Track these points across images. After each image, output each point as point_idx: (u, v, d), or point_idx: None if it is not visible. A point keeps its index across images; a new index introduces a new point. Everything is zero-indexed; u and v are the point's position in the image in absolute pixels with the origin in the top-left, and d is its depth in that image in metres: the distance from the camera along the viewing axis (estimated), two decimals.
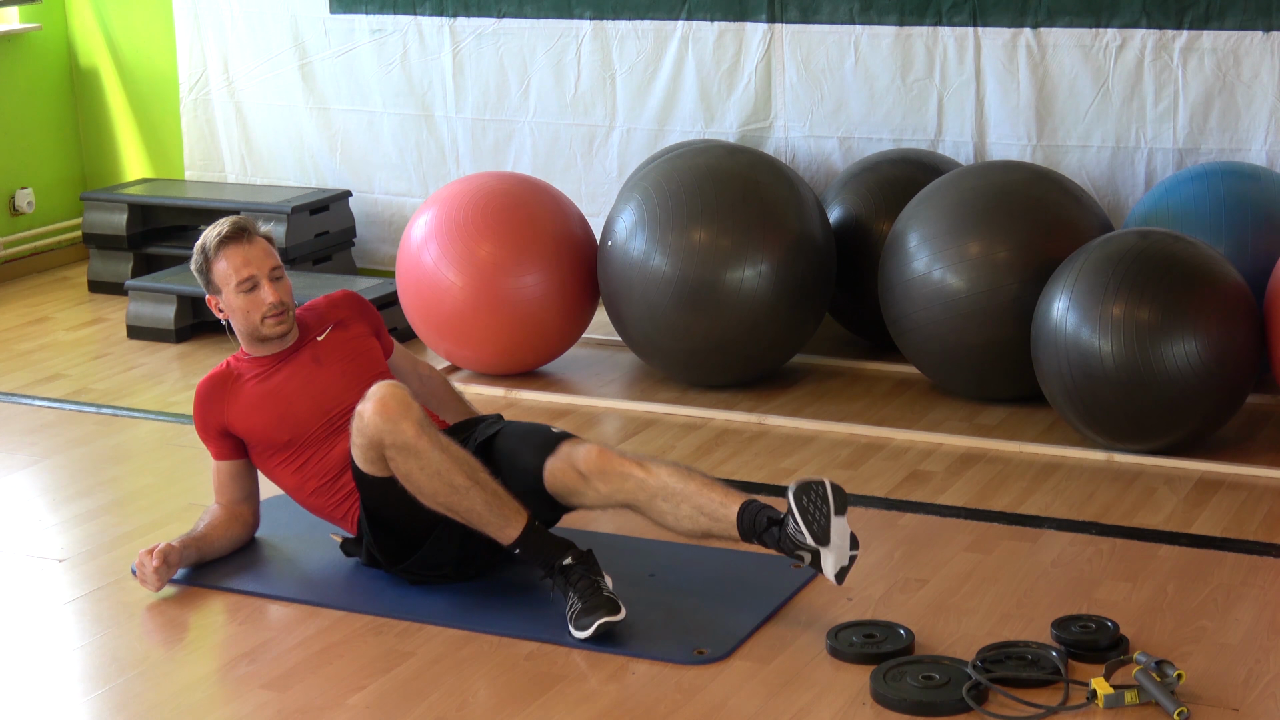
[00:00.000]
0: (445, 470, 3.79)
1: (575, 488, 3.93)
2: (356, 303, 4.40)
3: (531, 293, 5.43)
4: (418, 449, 3.79)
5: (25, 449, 5.17)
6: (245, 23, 6.94)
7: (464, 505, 3.81)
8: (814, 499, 3.69)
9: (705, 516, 3.82)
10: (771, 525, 3.72)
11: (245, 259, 4.15)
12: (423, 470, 3.79)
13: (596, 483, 3.90)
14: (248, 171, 7.08)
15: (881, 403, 5.32)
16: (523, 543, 3.83)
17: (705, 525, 3.83)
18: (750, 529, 3.76)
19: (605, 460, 3.91)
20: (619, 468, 3.89)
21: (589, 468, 3.91)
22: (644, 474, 3.88)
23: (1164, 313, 4.55)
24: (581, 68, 6.38)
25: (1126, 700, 3.38)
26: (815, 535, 3.67)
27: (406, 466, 3.81)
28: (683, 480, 3.85)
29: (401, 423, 3.79)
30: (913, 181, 5.47)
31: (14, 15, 7.32)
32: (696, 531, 3.86)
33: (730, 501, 3.80)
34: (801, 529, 3.67)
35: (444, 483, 3.79)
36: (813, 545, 3.67)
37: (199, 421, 4.22)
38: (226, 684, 3.69)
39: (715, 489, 3.84)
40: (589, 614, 3.72)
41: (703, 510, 3.82)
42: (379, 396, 3.83)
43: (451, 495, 3.80)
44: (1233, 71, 5.44)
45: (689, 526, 3.85)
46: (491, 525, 3.82)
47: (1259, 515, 4.36)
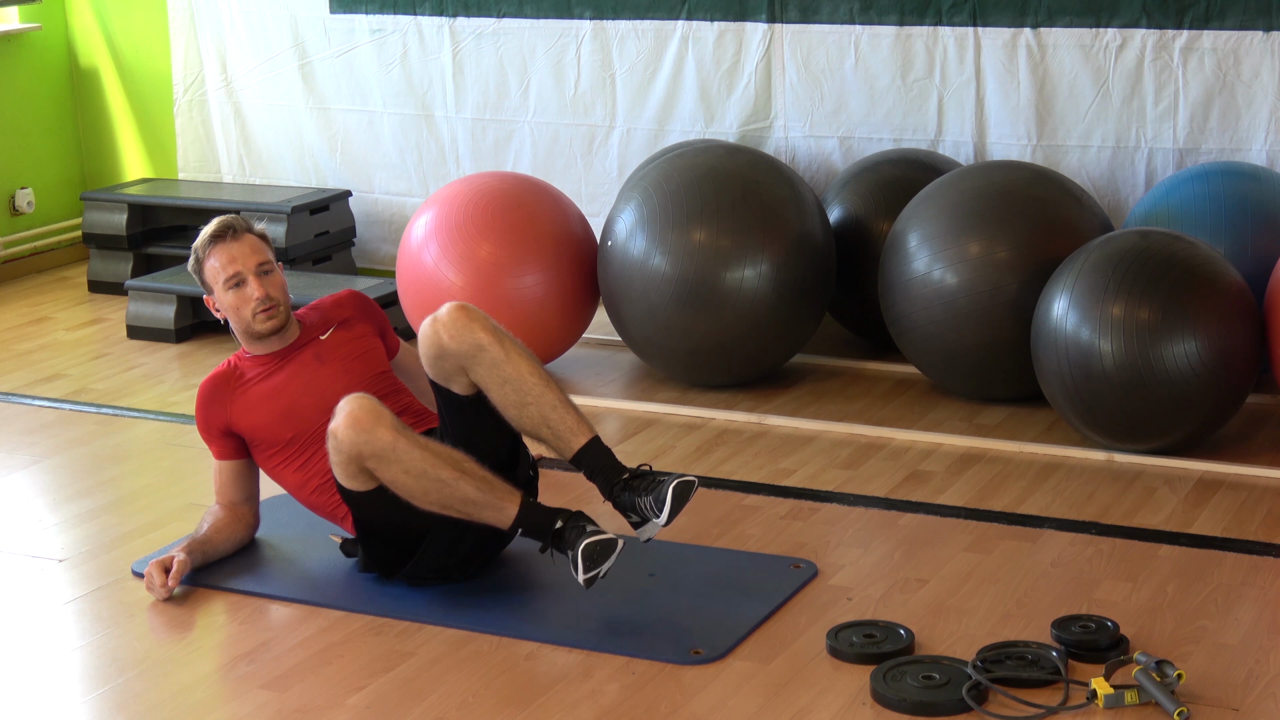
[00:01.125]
0: (429, 467, 3.78)
1: (434, 350, 3.93)
2: (361, 302, 4.41)
3: (531, 293, 5.43)
4: (396, 452, 3.77)
5: (25, 449, 5.17)
6: (245, 23, 6.94)
7: (456, 497, 3.80)
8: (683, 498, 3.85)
9: (548, 429, 3.93)
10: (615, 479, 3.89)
11: (230, 256, 4.17)
12: (407, 473, 3.78)
13: (445, 337, 3.91)
14: (245, 172, 7.08)
15: (881, 403, 5.32)
16: (522, 520, 3.83)
17: (544, 435, 3.94)
18: (589, 467, 3.92)
19: (462, 314, 3.93)
20: (475, 333, 3.91)
21: (445, 319, 3.93)
22: (501, 354, 3.91)
23: (1164, 313, 4.55)
24: (581, 68, 6.38)
25: (1126, 700, 3.38)
26: (669, 518, 3.84)
27: (390, 473, 3.80)
28: (542, 385, 3.92)
29: (375, 430, 3.77)
30: (913, 181, 5.47)
31: (14, 15, 7.32)
32: (529, 432, 3.97)
33: (580, 432, 3.93)
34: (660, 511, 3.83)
35: (430, 480, 3.79)
36: (659, 522, 3.85)
37: (201, 421, 4.22)
38: (226, 684, 3.69)
39: (569, 412, 3.94)
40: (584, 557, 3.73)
41: (549, 423, 3.92)
42: (348, 411, 3.80)
43: (442, 490, 3.79)
44: (1233, 71, 5.44)
45: (525, 425, 3.95)
46: (488, 509, 3.82)
47: (1259, 515, 4.36)
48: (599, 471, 3.94)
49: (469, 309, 3.95)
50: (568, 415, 3.94)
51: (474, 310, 3.96)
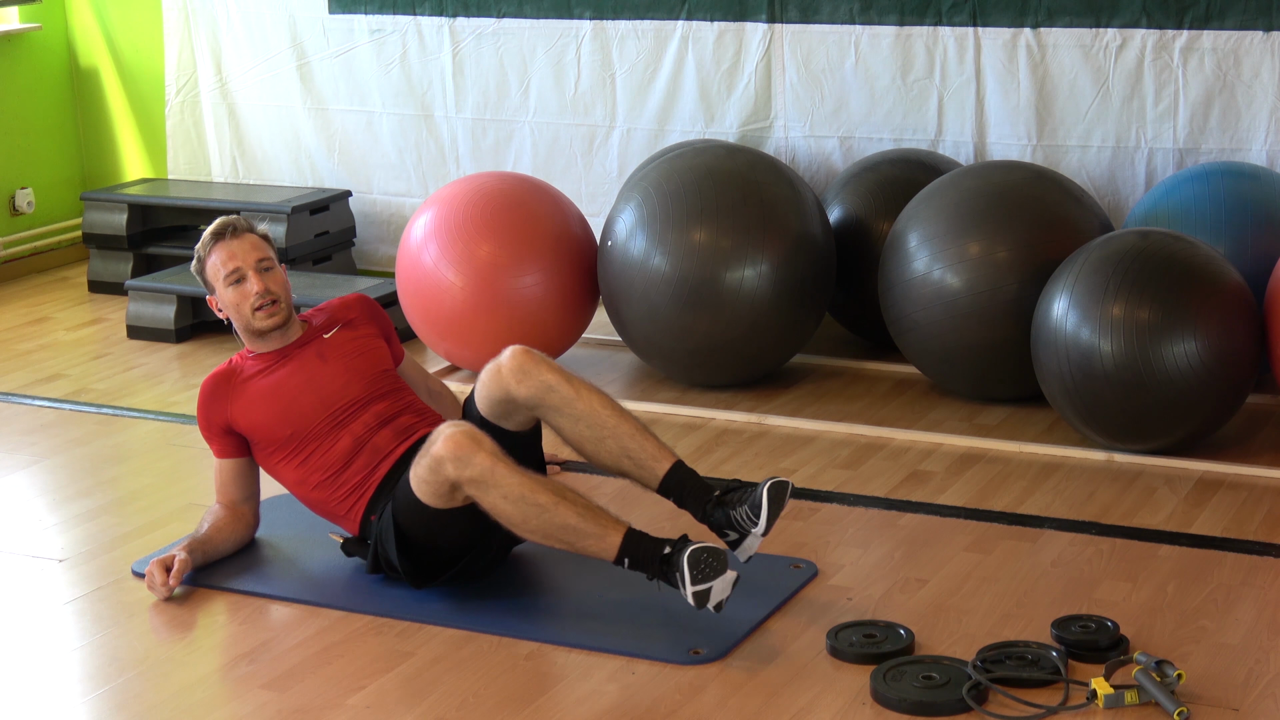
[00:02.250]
0: (528, 492, 3.70)
1: (500, 394, 3.92)
2: (368, 306, 4.41)
3: (531, 293, 5.43)
4: (495, 477, 3.70)
5: (25, 449, 5.17)
6: (242, 23, 6.94)
7: (555, 523, 3.70)
8: (783, 499, 3.79)
9: (629, 460, 3.88)
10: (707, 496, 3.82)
11: (230, 253, 4.18)
12: (505, 498, 3.70)
13: (514, 384, 3.89)
14: (238, 173, 7.07)
15: (881, 403, 5.32)
16: (627, 549, 3.69)
17: (626, 468, 3.89)
18: (677, 492, 3.87)
19: (528, 359, 3.91)
20: (543, 375, 3.90)
21: (510, 365, 3.91)
22: (571, 392, 3.89)
23: (1164, 313, 4.55)
24: (581, 68, 6.38)
25: (1126, 700, 3.38)
26: (768, 525, 3.78)
27: (489, 499, 3.72)
28: (616, 417, 3.89)
29: (476, 456, 3.70)
30: (913, 181, 5.47)
31: (14, 15, 7.32)
32: (611, 467, 3.92)
33: (662, 458, 3.88)
34: (759, 522, 3.76)
35: (529, 505, 3.70)
36: (757, 532, 3.77)
37: (202, 419, 4.22)
38: (226, 684, 3.69)
39: (648, 439, 3.90)
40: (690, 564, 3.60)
41: (629, 454, 3.88)
42: (449, 435, 3.73)
43: (541, 516, 3.70)
44: (1233, 71, 5.44)
45: (607, 461, 3.90)
46: (590, 538, 3.70)
47: (1259, 515, 4.36)
48: (689, 495, 3.88)
49: (531, 352, 3.92)
50: (647, 443, 3.89)
51: (536, 353, 3.93)
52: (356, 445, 4.11)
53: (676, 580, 3.65)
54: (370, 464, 4.09)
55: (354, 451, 4.10)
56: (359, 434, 4.12)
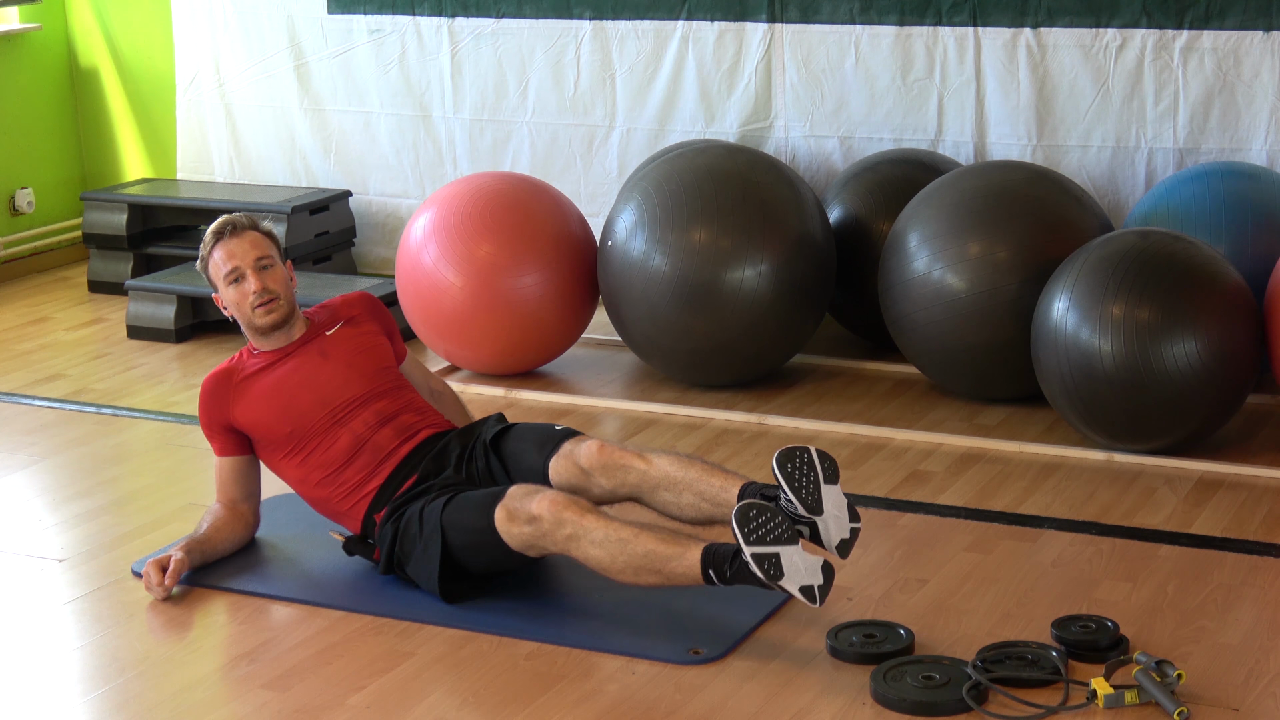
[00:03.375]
0: (610, 531, 3.69)
1: (579, 484, 3.95)
2: (370, 304, 4.41)
3: (531, 293, 5.43)
4: (584, 528, 3.70)
5: (25, 449, 5.17)
6: (241, 23, 6.94)
7: (639, 553, 3.65)
8: (799, 465, 3.65)
9: (707, 502, 3.85)
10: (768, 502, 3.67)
11: (229, 252, 4.19)
12: (595, 545, 3.69)
13: (599, 478, 3.93)
14: (235, 173, 7.07)
15: (881, 403, 5.32)
16: (708, 561, 3.59)
17: (708, 511, 3.85)
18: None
19: (606, 455, 3.92)
20: (620, 460, 3.91)
21: (590, 463, 3.93)
22: (645, 465, 3.90)
23: (1164, 313, 4.55)
24: (581, 68, 6.38)
25: (1126, 700, 3.38)
26: (807, 505, 3.62)
27: (582, 551, 3.71)
28: (683, 469, 3.87)
29: (566, 514, 3.71)
30: (913, 181, 5.47)
31: (14, 15, 7.32)
32: (700, 518, 3.87)
33: (730, 485, 3.82)
34: (792, 500, 3.62)
35: (614, 543, 3.67)
36: (806, 516, 3.62)
37: (204, 417, 4.22)
38: (227, 684, 3.69)
39: (715, 474, 3.86)
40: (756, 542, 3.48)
41: (704, 496, 3.85)
42: (554, 500, 3.72)
43: (625, 549, 3.66)
44: (1233, 71, 5.44)
45: (692, 514, 3.88)
46: (672, 559, 3.64)
47: (1259, 515, 4.36)
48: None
49: (607, 446, 3.93)
50: (714, 479, 3.85)
51: (609, 445, 3.94)
52: (357, 443, 4.11)
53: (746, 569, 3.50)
54: (372, 463, 4.09)
55: (354, 450, 4.10)
56: (359, 432, 4.12)
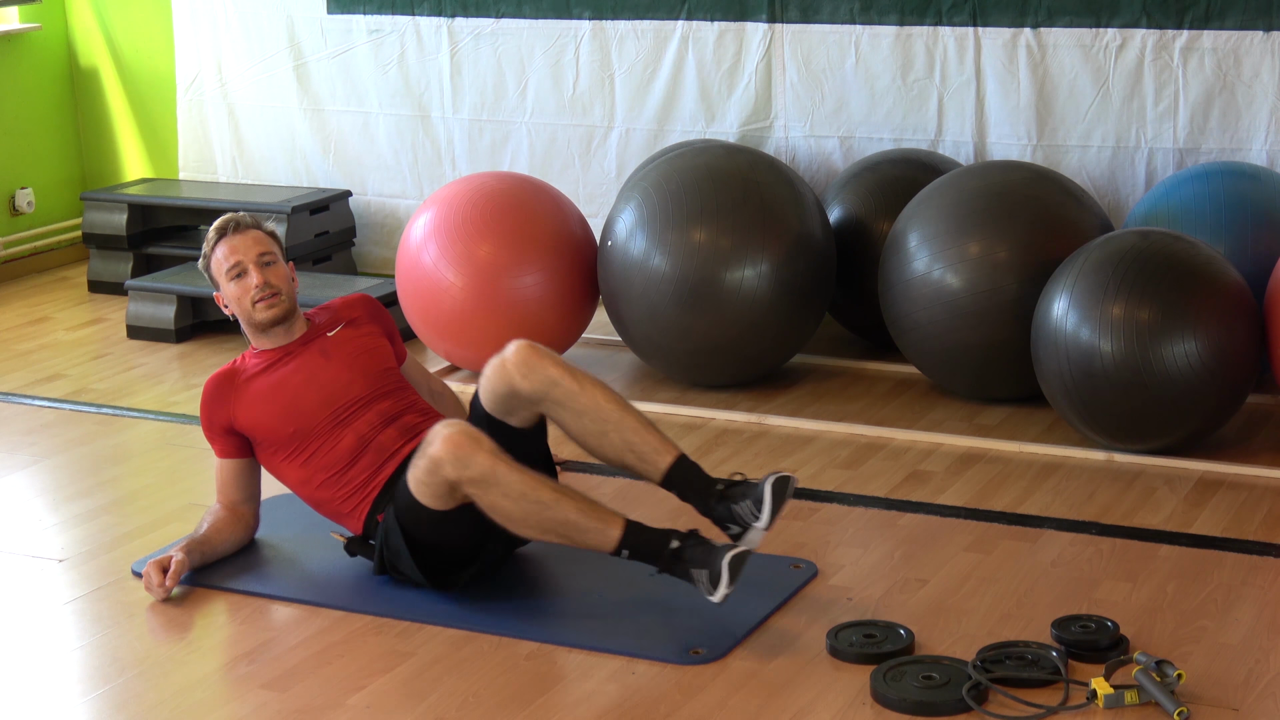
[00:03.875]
0: (529, 489, 3.71)
1: (504, 389, 3.92)
2: (371, 305, 4.41)
3: (531, 293, 5.43)
4: (496, 476, 3.70)
5: (25, 449, 5.17)
6: (241, 23, 6.94)
7: (556, 519, 3.71)
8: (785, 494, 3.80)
9: (633, 455, 3.88)
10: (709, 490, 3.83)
11: (232, 248, 4.20)
12: (506, 496, 3.71)
13: (518, 378, 3.89)
14: (238, 172, 7.08)
15: (881, 403, 5.32)
16: (628, 541, 3.73)
17: (630, 462, 3.89)
18: (681, 485, 3.87)
19: (531, 354, 3.91)
20: (547, 369, 3.90)
21: (514, 359, 3.91)
22: (576, 387, 3.89)
23: (1164, 313, 4.55)
24: (580, 68, 6.37)
25: (1126, 700, 3.38)
26: (770, 519, 3.79)
27: (490, 498, 3.72)
28: (619, 411, 3.88)
29: (475, 456, 3.70)
30: (913, 181, 5.47)
31: (14, 15, 7.32)
32: (615, 462, 3.91)
33: (665, 451, 3.87)
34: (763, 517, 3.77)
35: (531, 502, 3.70)
36: (760, 526, 3.79)
37: (205, 419, 4.22)
38: (226, 684, 3.69)
39: (651, 432, 3.89)
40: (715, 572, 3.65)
41: (633, 449, 3.87)
42: (446, 435, 3.73)
43: (543, 513, 3.71)
44: (1233, 71, 5.44)
45: (610, 455, 3.90)
46: (591, 532, 3.72)
47: (1259, 515, 4.36)
48: (691, 488, 3.88)
49: (535, 346, 3.93)
50: (650, 436, 3.89)
51: (540, 347, 3.93)
52: (360, 444, 4.11)
53: (697, 578, 3.67)
54: (375, 463, 4.08)
55: (358, 450, 4.10)
56: (363, 432, 4.12)
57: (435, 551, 3.93)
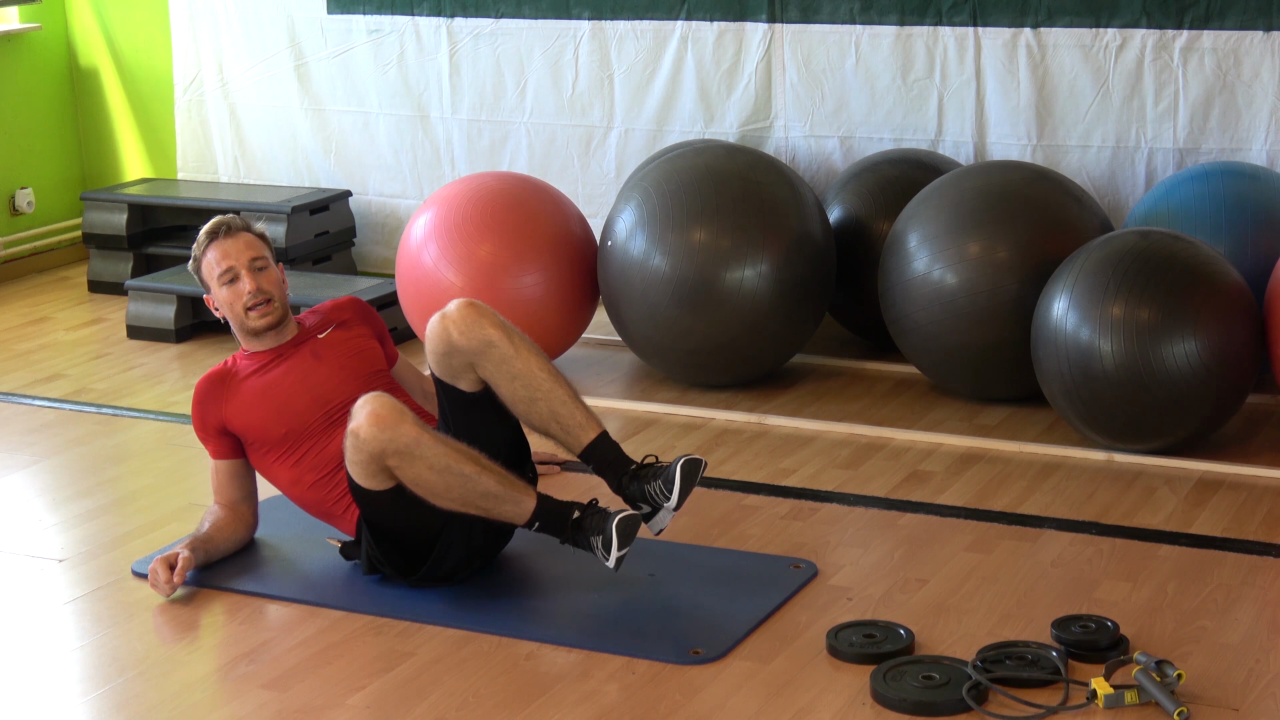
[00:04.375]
0: (453, 462, 3.77)
1: (443, 347, 3.94)
2: (361, 308, 4.43)
3: (531, 293, 5.43)
4: (421, 447, 3.76)
5: (25, 449, 5.17)
6: (241, 23, 6.94)
7: (477, 491, 3.79)
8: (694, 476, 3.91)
9: (557, 425, 3.96)
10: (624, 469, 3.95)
11: (224, 253, 4.20)
12: (430, 469, 3.77)
13: (455, 333, 3.92)
14: (240, 172, 7.07)
15: (881, 403, 5.32)
16: (540, 513, 3.85)
17: (554, 431, 3.98)
18: (598, 462, 3.98)
19: (471, 311, 3.95)
20: (485, 329, 3.93)
21: (455, 315, 3.94)
22: (511, 350, 3.94)
23: (1164, 313, 4.55)
24: (579, 68, 6.37)
25: (1126, 700, 3.38)
26: (677, 503, 3.89)
27: (414, 471, 3.78)
28: (551, 381, 3.96)
29: (399, 427, 3.76)
30: (913, 181, 5.47)
31: (14, 15, 7.32)
32: (538, 428, 3.99)
33: (589, 427, 3.97)
34: (670, 496, 3.89)
35: (454, 475, 3.77)
36: (669, 507, 3.90)
37: (197, 420, 4.22)
38: (226, 684, 3.69)
39: (578, 407, 3.98)
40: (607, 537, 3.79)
41: (558, 420, 3.96)
42: (370, 409, 3.78)
43: (465, 485, 3.78)
44: (1233, 71, 5.44)
45: (534, 421, 3.98)
46: (508, 503, 3.82)
47: (1259, 515, 4.36)
48: (607, 465, 3.98)
49: (478, 305, 3.97)
50: (576, 411, 3.97)
51: (483, 306, 3.97)
52: None
53: (595, 545, 3.81)
54: None
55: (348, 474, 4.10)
56: None
57: (397, 541, 3.97)
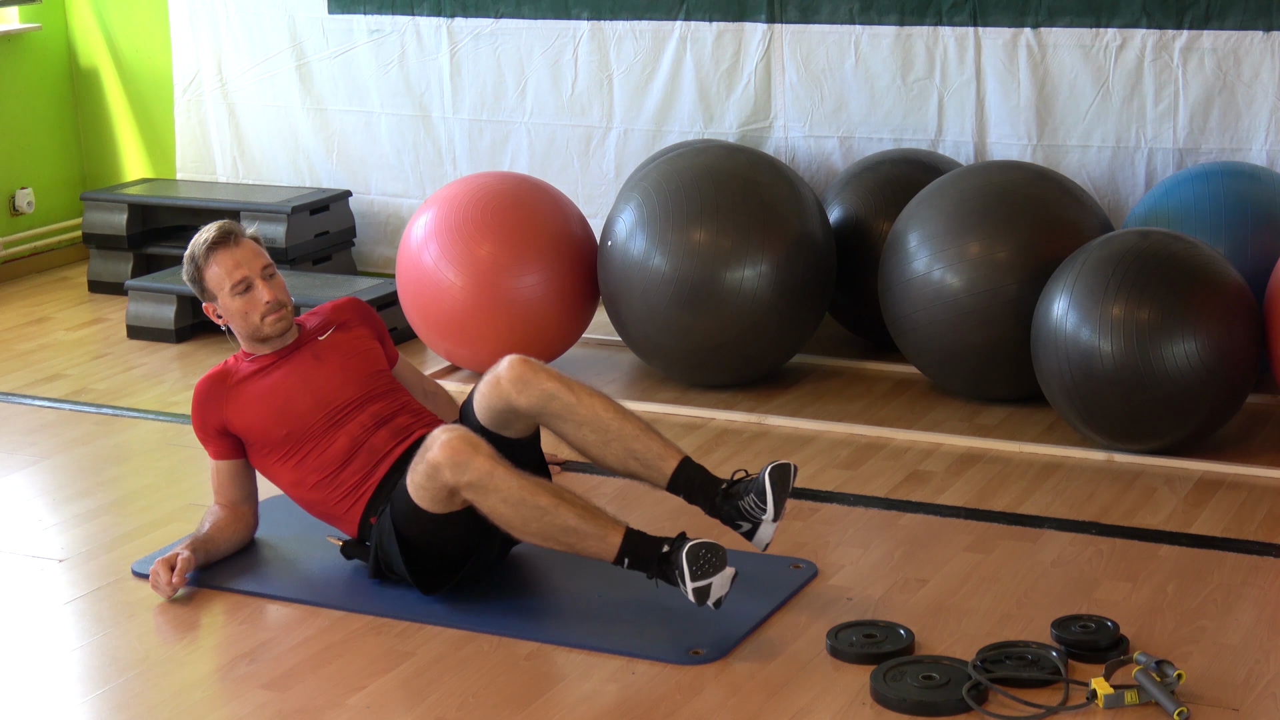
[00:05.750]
0: (528, 495, 3.70)
1: (500, 405, 3.91)
2: (360, 308, 4.42)
3: (531, 293, 5.43)
4: (495, 480, 3.69)
5: (25, 449, 5.17)
6: (242, 23, 6.94)
7: (556, 525, 3.69)
8: (785, 482, 3.81)
9: (637, 461, 3.88)
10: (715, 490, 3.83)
11: (236, 262, 4.17)
12: (505, 501, 3.70)
13: (514, 394, 3.89)
14: (239, 173, 7.07)
15: (881, 403, 5.32)
16: (627, 549, 3.70)
17: (636, 469, 3.90)
18: (687, 488, 3.87)
19: (526, 369, 3.90)
20: (542, 383, 3.89)
21: (509, 375, 3.90)
22: (573, 399, 3.89)
23: (1164, 313, 4.55)
24: (579, 68, 6.37)
25: (1126, 700, 3.38)
26: (776, 510, 3.79)
27: (489, 502, 3.71)
28: (619, 419, 3.89)
29: (473, 460, 3.69)
30: (913, 181, 5.47)
31: (14, 15, 7.32)
32: (620, 470, 3.92)
33: (669, 456, 3.88)
34: (767, 509, 3.78)
35: (530, 508, 3.69)
36: (768, 518, 3.80)
37: (197, 421, 4.22)
38: (226, 684, 3.69)
39: (652, 438, 3.90)
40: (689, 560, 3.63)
41: (636, 455, 3.88)
42: (445, 440, 3.72)
43: (541, 518, 3.69)
44: (1233, 71, 5.44)
45: (614, 464, 3.91)
46: (591, 538, 3.70)
47: (1259, 515, 4.36)
48: (698, 490, 3.88)
49: (530, 361, 3.92)
50: (652, 443, 3.89)
51: (534, 361, 3.93)
52: (354, 445, 4.11)
53: (675, 578, 3.67)
54: (368, 464, 4.09)
55: (351, 451, 4.10)
56: (356, 434, 4.12)
57: (428, 554, 3.93)
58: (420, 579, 3.94)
